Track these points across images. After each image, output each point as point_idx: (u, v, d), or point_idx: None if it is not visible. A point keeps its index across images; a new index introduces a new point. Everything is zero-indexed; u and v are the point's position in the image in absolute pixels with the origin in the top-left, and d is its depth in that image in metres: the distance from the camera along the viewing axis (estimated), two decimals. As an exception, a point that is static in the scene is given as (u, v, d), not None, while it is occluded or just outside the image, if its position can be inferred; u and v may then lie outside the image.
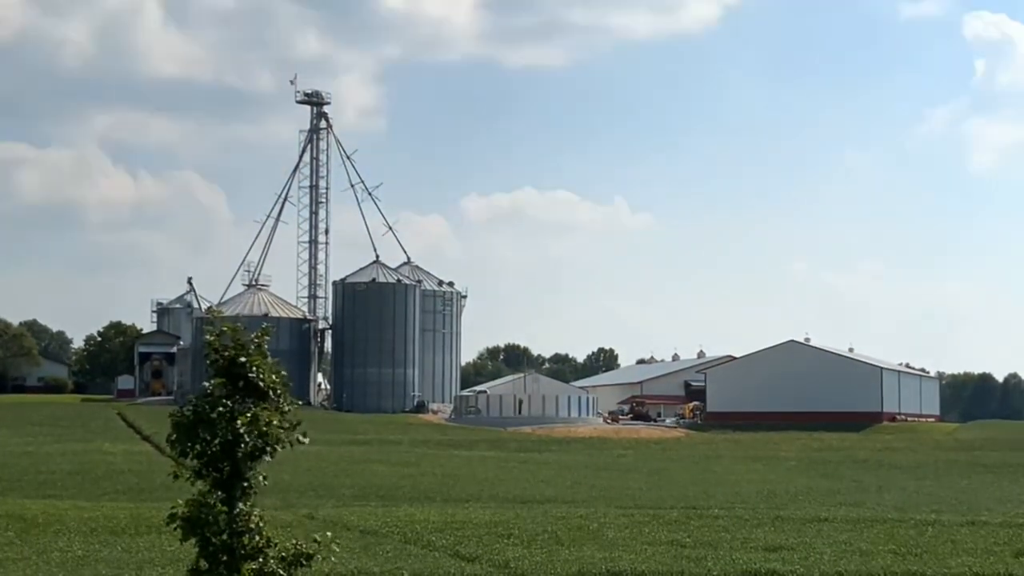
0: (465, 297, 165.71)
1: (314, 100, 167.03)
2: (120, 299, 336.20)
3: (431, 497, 49.11)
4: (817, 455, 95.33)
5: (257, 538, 12.66)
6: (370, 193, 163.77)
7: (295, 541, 12.98)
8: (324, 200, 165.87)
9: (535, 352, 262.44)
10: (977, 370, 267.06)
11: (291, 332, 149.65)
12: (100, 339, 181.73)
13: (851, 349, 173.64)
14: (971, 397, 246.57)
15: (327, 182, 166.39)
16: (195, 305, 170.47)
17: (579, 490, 55.31)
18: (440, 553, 29.99)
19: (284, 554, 12.76)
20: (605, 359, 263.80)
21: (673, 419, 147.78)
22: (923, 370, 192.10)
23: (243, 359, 12.68)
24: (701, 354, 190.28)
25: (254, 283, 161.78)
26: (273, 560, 12.66)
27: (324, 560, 13.21)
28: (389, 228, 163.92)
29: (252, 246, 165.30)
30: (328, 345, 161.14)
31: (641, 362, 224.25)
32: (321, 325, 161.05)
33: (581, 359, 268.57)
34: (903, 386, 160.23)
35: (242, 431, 12.45)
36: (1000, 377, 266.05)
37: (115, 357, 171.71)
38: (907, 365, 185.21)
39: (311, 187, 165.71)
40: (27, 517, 36.32)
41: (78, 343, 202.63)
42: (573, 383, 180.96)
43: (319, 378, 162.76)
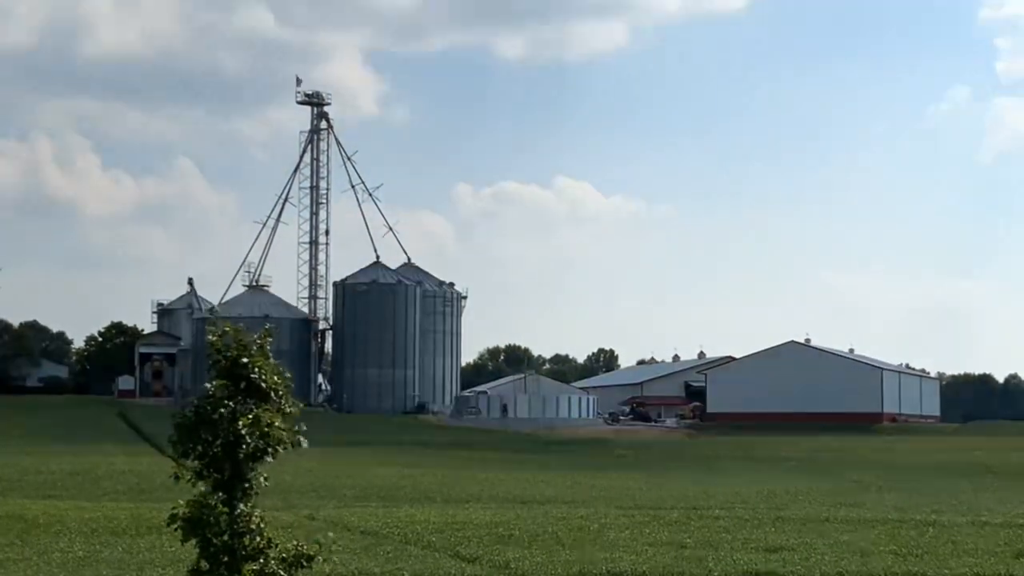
0: (465, 298, 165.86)
1: (315, 101, 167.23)
2: (120, 299, 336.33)
3: (431, 498, 49.08)
4: (817, 456, 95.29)
5: (258, 539, 12.68)
6: (370, 194, 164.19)
7: (296, 542, 13.00)
8: (324, 201, 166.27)
9: (535, 353, 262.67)
10: (977, 371, 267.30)
11: (291, 333, 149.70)
12: (101, 340, 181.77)
13: (851, 350, 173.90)
14: (972, 398, 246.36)
15: (327, 183, 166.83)
16: (196, 306, 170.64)
17: (579, 491, 55.24)
18: (440, 554, 29.98)
19: (285, 555, 12.78)
20: (605, 360, 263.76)
21: (673, 420, 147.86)
22: (923, 371, 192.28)
23: (245, 360, 12.70)
24: (701, 355, 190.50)
25: (255, 284, 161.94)
26: (274, 561, 12.68)
27: (325, 561, 13.23)
28: (389, 229, 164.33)
29: (252, 246, 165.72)
30: (328, 346, 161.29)
31: (641, 363, 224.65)
32: (321, 326, 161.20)
33: (581, 360, 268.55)
34: (903, 387, 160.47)
35: (244, 432, 12.48)
36: (1001, 378, 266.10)
37: (116, 358, 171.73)
38: (907, 366, 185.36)
39: (311, 188, 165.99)
40: (28, 518, 36.31)
41: (79, 343, 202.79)
42: (573, 384, 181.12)
43: (319, 379, 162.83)
